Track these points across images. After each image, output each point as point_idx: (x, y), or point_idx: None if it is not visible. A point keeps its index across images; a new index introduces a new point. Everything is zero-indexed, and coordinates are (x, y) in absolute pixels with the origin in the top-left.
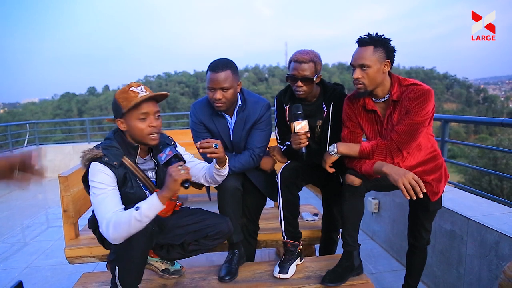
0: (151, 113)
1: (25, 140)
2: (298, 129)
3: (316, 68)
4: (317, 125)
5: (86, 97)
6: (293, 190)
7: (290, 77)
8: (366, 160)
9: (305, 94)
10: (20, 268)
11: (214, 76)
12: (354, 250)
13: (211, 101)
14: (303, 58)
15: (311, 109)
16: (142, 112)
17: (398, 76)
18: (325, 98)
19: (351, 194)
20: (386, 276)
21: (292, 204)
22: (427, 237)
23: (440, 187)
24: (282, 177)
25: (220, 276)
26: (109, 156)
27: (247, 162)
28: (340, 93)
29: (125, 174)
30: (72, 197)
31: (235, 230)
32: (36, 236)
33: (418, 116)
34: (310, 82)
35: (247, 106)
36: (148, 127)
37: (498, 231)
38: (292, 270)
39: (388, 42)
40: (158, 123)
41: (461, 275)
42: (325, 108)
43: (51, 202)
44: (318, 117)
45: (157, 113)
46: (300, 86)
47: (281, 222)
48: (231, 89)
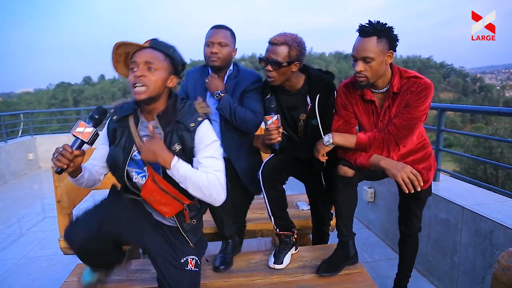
0: (139, 62)
1: (19, 131)
2: (269, 124)
3: (290, 53)
4: (300, 118)
5: (82, 87)
6: (276, 187)
7: (261, 59)
8: (362, 153)
9: (276, 81)
10: (16, 258)
11: (215, 31)
12: (349, 240)
13: (206, 57)
14: (276, 40)
15: (293, 100)
16: (132, 61)
17: (398, 67)
18: (309, 89)
19: (344, 185)
20: (382, 265)
21: (278, 199)
22: (418, 224)
23: (430, 175)
24: (263, 176)
25: (215, 266)
26: (116, 110)
27: (250, 114)
28: (327, 83)
29: (115, 129)
30: (66, 188)
31: (226, 224)
32: (32, 226)
33: (417, 110)
34: (280, 67)
35: (239, 74)
36: (133, 77)
37: (493, 220)
38: (287, 260)
39: (391, 31)
40: (145, 74)
41: (456, 264)
42: (309, 101)
43: (47, 193)
44: (301, 110)
45: (147, 64)
46: (270, 71)
47: (270, 217)
48: (228, 47)
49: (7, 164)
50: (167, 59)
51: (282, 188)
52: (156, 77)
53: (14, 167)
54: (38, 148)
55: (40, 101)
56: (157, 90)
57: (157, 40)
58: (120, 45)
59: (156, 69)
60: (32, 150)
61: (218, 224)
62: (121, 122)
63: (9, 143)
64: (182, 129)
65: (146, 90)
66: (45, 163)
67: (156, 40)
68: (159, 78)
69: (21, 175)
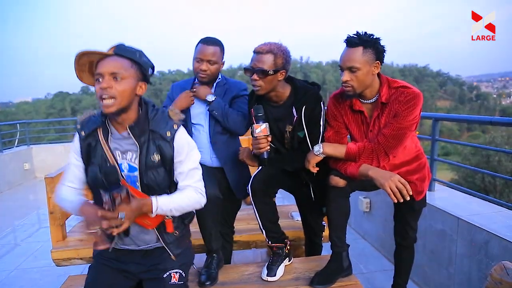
0: (104, 73)
1: (15, 141)
2: (258, 132)
3: (276, 61)
4: (286, 130)
5: (80, 96)
6: (266, 200)
7: (246, 69)
8: (352, 163)
9: (262, 90)
10: (8, 270)
11: (204, 48)
12: (343, 251)
13: (195, 71)
14: (261, 49)
15: (279, 112)
16: (96, 72)
17: (387, 77)
18: (295, 100)
19: (336, 195)
20: (377, 276)
21: (268, 212)
22: (413, 235)
23: (424, 186)
24: (253, 190)
25: (200, 281)
26: (83, 125)
27: (241, 115)
28: (313, 95)
29: (88, 145)
30: None
31: (215, 237)
32: (26, 237)
33: (406, 120)
34: (265, 76)
35: (227, 82)
36: (99, 89)
37: (488, 231)
38: (280, 271)
39: (378, 42)
40: (111, 84)
41: (451, 275)
42: (295, 113)
43: (42, 203)
44: (287, 122)
45: (113, 74)
46: (256, 80)
47: (262, 231)
48: (216, 65)
49: (2, 175)
50: (134, 66)
51: (273, 201)
52: (123, 87)
53: (9, 178)
54: (34, 158)
55: (38, 110)
56: (126, 100)
57: (122, 45)
58: (83, 54)
59: (122, 78)
60: (28, 160)
61: (207, 236)
62: (90, 138)
63: (5, 153)
64: (158, 138)
65: (115, 103)
66: (41, 173)
67: (121, 46)
68: (126, 87)
69: (16, 185)
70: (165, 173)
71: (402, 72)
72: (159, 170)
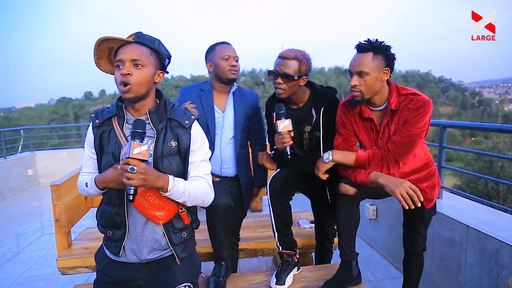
0: (125, 60)
1: (19, 146)
2: (281, 128)
3: (300, 67)
4: (305, 130)
5: (83, 102)
6: (283, 201)
7: (271, 72)
8: (361, 170)
9: (284, 94)
10: (12, 278)
11: (229, 47)
12: (352, 259)
13: (225, 69)
14: (287, 55)
15: (299, 114)
16: (117, 58)
17: (396, 84)
18: (315, 102)
19: (345, 203)
20: (385, 284)
21: (283, 214)
22: (423, 243)
23: (434, 194)
24: (271, 189)
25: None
26: (97, 114)
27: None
28: (331, 97)
29: (101, 134)
30: (65, 206)
31: (225, 245)
32: (29, 244)
33: (416, 127)
34: (290, 80)
35: (241, 91)
36: (119, 76)
37: (498, 239)
38: (289, 280)
39: (389, 49)
40: (132, 71)
41: (461, 284)
42: (314, 114)
43: (45, 210)
44: (306, 123)
45: (134, 61)
46: (280, 83)
47: (274, 233)
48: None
49: (6, 181)
50: (153, 54)
51: (288, 204)
52: (143, 74)
53: (13, 184)
54: (38, 164)
55: (41, 116)
56: (145, 87)
57: (141, 33)
58: (103, 40)
59: (143, 66)
60: (32, 166)
61: (217, 244)
62: (104, 126)
63: (8, 159)
64: (176, 126)
65: (134, 89)
66: (44, 179)
67: (141, 34)
68: (146, 75)
69: (20, 191)
70: (180, 161)
71: (404, 78)
72: (175, 158)
